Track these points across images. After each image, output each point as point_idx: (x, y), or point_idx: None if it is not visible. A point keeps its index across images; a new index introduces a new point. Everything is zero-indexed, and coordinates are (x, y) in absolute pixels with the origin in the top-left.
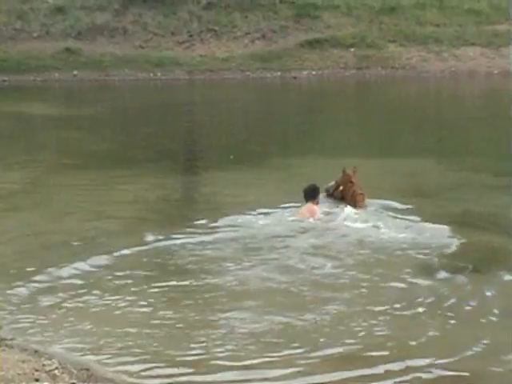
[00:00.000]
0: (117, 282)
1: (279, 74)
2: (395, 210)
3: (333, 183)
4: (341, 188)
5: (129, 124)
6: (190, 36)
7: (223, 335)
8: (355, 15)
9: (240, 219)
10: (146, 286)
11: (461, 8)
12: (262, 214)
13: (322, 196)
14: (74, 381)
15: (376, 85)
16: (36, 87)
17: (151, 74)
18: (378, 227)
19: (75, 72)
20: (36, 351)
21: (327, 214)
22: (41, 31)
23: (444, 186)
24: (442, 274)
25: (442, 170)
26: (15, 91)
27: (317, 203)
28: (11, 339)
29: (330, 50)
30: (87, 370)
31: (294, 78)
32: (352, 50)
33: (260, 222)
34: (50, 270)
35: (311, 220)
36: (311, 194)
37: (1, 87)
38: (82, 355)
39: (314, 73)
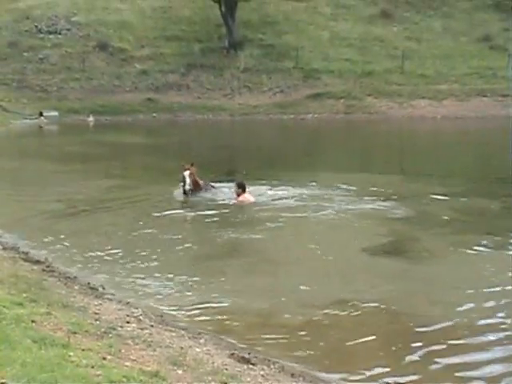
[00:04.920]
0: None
1: (292, 116)
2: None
3: (189, 181)
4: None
5: (191, 148)
6: (232, 91)
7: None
8: (344, 77)
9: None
10: (221, 263)
11: (415, 73)
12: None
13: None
14: (153, 323)
15: (358, 124)
16: (127, 124)
17: (205, 116)
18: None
19: (154, 114)
20: (127, 303)
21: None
22: (131, 87)
23: (403, 192)
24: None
25: (405, 183)
26: (113, 127)
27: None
28: (112, 294)
29: (327, 101)
30: (161, 316)
31: (302, 119)
32: (342, 100)
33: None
34: (146, 245)
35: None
36: (244, 187)
37: (104, 124)
38: (161, 305)
39: (316, 116)
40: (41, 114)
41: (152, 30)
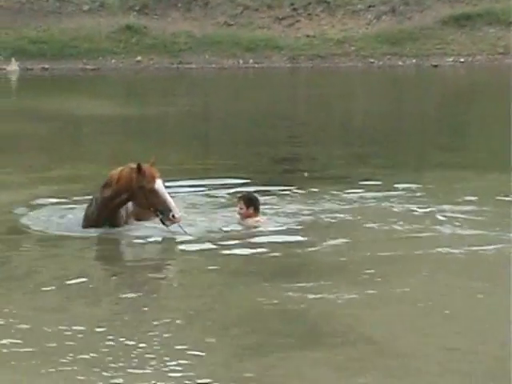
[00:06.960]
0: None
1: (414, 61)
2: None
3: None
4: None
5: (208, 129)
6: (294, 10)
7: None
8: None
9: None
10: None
11: None
12: None
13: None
14: None
15: None
16: (86, 78)
17: (240, 61)
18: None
19: (138, 58)
20: None
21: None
22: (93, 3)
23: None
24: None
25: None
26: (58, 83)
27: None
28: None
29: (485, 29)
30: None
31: (435, 66)
32: None
33: None
34: None
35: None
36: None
37: (39, 77)
38: None
39: (462, 60)
40: None
41: None
